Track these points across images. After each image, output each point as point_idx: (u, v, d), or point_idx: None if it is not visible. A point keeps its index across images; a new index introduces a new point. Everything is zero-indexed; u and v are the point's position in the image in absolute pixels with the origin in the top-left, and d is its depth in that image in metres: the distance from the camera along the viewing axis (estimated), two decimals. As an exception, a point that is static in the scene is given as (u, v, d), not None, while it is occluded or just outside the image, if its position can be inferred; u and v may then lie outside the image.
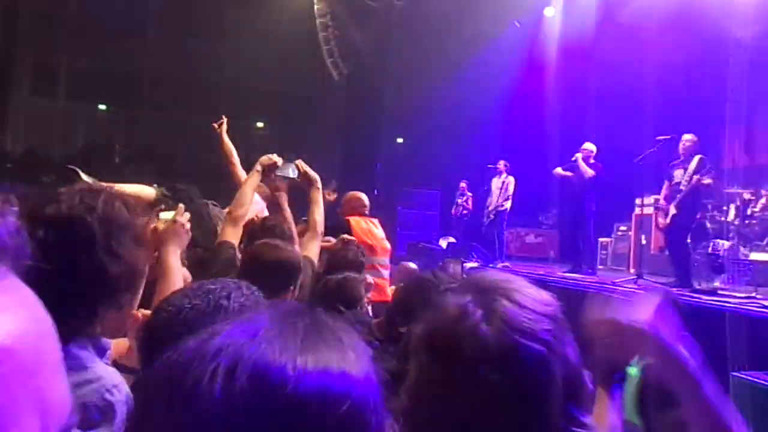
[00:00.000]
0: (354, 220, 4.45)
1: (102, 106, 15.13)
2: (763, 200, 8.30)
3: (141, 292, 1.37)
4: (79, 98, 14.35)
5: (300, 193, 3.16)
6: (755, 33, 8.77)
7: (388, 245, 4.69)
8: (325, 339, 0.53)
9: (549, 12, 12.40)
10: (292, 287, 2.09)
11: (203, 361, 0.48)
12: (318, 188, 2.97)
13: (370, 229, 4.53)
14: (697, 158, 6.42)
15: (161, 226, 1.86)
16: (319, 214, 2.91)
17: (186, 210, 1.94)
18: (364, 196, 4.75)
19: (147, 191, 2.91)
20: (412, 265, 5.38)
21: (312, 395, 0.48)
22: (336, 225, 4.14)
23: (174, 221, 1.89)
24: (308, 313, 0.57)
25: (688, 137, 6.64)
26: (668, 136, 6.88)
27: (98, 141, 14.75)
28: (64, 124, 14.72)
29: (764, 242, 7.96)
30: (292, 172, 2.99)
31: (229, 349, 0.49)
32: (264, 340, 0.50)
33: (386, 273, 4.51)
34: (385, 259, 4.60)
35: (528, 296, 0.85)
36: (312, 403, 0.48)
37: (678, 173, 6.55)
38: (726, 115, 9.87)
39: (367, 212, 4.63)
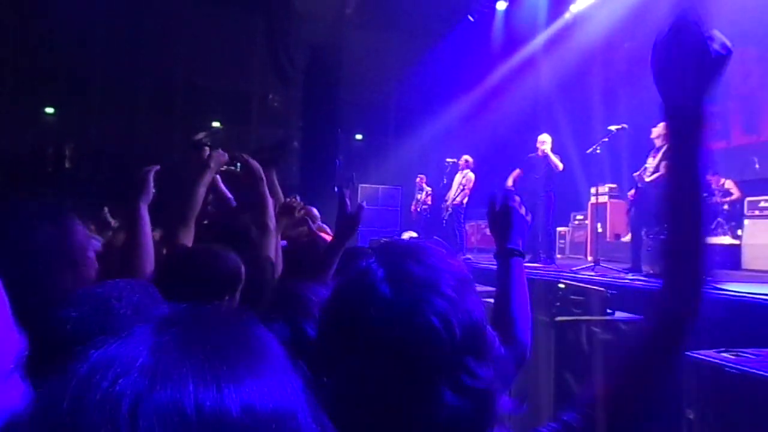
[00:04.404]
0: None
1: (49, 110, 14.62)
2: (713, 186, 8.62)
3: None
4: (25, 101, 13.83)
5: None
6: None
7: None
8: (238, 350, 0.46)
9: (501, 6, 12.56)
10: (226, 297, 1.87)
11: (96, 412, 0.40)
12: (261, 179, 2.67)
13: None
14: (665, 148, 6.46)
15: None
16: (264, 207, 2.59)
17: None
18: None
19: None
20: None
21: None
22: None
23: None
24: (203, 318, 0.49)
25: (661, 125, 6.62)
26: (620, 126, 7.04)
27: (46, 145, 14.26)
28: (9, 127, 14.16)
29: (713, 227, 8.28)
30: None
31: (123, 393, 0.41)
32: (159, 373, 0.42)
33: None
34: None
35: (433, 256, 0.88)
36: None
37: (649, 161, 6.56)
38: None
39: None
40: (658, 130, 6.55)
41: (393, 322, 0.80)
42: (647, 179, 6.48)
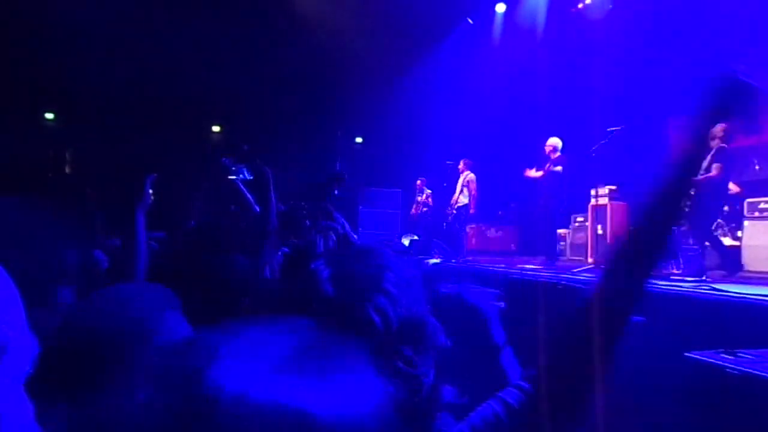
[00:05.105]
0: None
1: (49, 115, 14.63)
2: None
3: None
4: (24, 106, 13.84)
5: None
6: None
7: None
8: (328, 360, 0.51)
9: (500, 8, 12.59)
10: (244, 300, 1.91)
11: None
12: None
13: None
14: (716, 148, 6.21)
15: None
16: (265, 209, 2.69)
17: None
18: None
19: None
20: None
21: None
22: None
23: None
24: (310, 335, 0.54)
25: (719, 125, 6.35)
26: (619, 127, 7.05)
27: (46, 151, 14.30)
28: (9, 131, 14.16)
29: (713, 228, 8.29)
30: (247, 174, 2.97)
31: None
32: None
33: None
34: None
35: (381, 258, 0.94)
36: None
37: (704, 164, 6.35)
38: (674, 104, 10.19)
39: None
40: (715, 130, 6.24)
41: (333, 319, 0.84)
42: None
